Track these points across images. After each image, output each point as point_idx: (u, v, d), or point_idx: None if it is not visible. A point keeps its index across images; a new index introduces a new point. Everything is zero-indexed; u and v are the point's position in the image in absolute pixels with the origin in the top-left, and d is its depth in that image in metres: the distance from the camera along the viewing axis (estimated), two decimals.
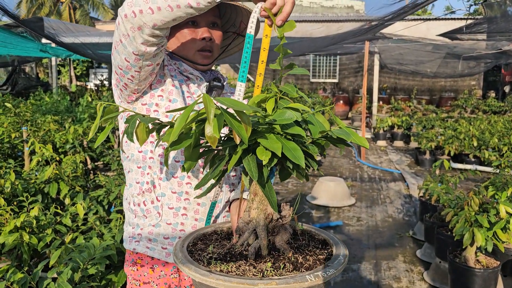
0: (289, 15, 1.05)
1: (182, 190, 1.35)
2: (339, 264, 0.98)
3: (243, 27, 1.49)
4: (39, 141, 4.18)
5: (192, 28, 1.36)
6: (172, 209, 1.35)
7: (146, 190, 1.35)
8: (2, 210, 2.27)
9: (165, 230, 1.37)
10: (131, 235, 1.41)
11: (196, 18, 1.36)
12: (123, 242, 1.46)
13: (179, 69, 1.40)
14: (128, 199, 1.42)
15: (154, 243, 1.38)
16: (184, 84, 1.39)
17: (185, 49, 1.39)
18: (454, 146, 7.73)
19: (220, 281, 0.89)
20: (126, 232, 1.44)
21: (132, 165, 1.38)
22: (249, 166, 0.89)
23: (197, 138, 0.90)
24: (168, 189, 1.34)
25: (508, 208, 2.76)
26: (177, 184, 1.34)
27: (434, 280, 3.53)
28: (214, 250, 1.06)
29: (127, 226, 1.43)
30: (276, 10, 1.05)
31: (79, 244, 2.02)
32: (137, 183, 1.37)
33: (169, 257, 1.38)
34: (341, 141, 0.99)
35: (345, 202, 5.70)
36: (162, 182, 1.34)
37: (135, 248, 1.39)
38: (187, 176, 1.34)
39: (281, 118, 0.89)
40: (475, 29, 5.57)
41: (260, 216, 1.04)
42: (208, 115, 0.74)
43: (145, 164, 1.35)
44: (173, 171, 1.34)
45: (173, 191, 1.34)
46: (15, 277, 1.77)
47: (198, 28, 1.37)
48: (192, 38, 1.37)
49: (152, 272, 1.41)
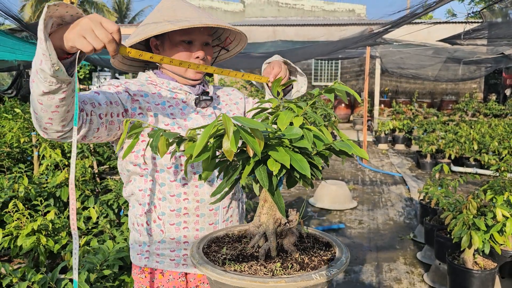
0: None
1: (180, 207, 1.43)
2: (341, 265, 1.08)
3: (228, 41, 1.59)
4: (48, 146, 4.29)
5: (187, 47, 1.41)
6: (173, 225, 1.44)
7: (148, 211, 1.44)
8: (20, 214, 2.37)
9: (170, 245, 1.46)
10: (139, 253, 1.49)
11: (192, 37, 1.40)
12: (132, 258, 1.54)
13: (167, 87, 1.45)
14: (132, 219, 1.51)
15: (162, 257, 1.47)
16: (171, 100, 1.44)
17: (179, 67, 1.42)
18: (455, 150, 7.83)
19: (234, 280, 1.00)
20: (134, 250, 1.51)
21: (134, 188, 1.46)
22: (260, 176, 1.00)
23: (214, 151, 1.00)
24: (167, 207, 1.43)
25: (505, 212, 2.86)
26: (175, 202, 1.42)
27: (434, 282, 3.62)
28: (227, 251, 1.16)
29: (134, 244, 1.51)
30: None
31: (94, 246, 2.12)
32: (140, 204, 1.46)
33: (177, 267, 1.47)
34: (343, 153, 1.09)
35: (347, 205, 5.79)
36: (162, 202, 1.43)
37: (146, 264, 1.48)
38: (183, 193, 1.42)
39: (289, 133, 1.00)
40: (474, 35, 5.68)
41: (269, 220, 1.15)
42: (228, 132, 0.84)
43: (146, 186, 1.43)
44: (170, 190, 1.42)
45: (172, 209, 1.43)
46: (35, 277, 1.87)
47: (193, 47, 1.42)
48: (187, 56, 1.41)
49: (161, 277, 1.49)
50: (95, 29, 0.97)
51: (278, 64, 1.46)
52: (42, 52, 0.96)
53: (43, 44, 0.95)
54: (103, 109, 1.26)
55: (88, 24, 0.97)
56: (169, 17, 1.34)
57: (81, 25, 0.97)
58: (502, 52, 9.69)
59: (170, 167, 1.40)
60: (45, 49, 0.95)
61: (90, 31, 0.97)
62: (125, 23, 32.13)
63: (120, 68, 1.55)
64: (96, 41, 0.97)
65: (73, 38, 0.97)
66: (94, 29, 0.97)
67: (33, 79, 1.04)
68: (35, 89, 1.05)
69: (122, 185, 3.46)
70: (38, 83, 1.02)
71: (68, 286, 1.97)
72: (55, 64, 0.97)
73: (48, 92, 1.03)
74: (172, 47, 1.41)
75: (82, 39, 0.97)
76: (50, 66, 0.97)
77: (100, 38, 0.97)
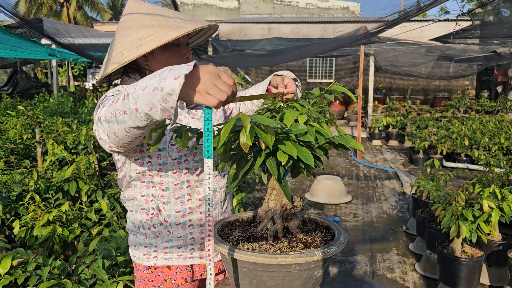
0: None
1: (185, 207, 1.52)
2: (340, 244, 1.24)
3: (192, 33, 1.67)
4: (52, 142, 4.42)
5: (176, 49, 1.49)
6: (179, 224, 1.53)
7: (154, 216, 1.51)
8: (35, 206, 2.51)
9: (177, 242, 1.54)
10: (146, 253, 1.55)
11: (179, 40, 1.48)
12: (137, 259, 1.58)
13: None
14: (136, 224, 1.55)
15: (170, 254, 1.55)
16: None
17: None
18: (447, 146, 8.03)
19: (248, 256, 1.15)
20: (139, 251, 1.56)
21: (135, 194, 1.53)
22: (270, 166, 1.15)
23: (230, 145, 1.16)
24: (173, 210, 1.51)
25: (491, 203, 3.04)
26: (180, 203, 1.52)
27: (425, 271, 3.80)
28: (239, 234, 1.32)
29: (139, 245, 1.56)
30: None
31: (110, 234, 2.27)
32: (143, 209, 1.52)
33: (185, 261, 1.57)
34: (341, 146, 1.25)
35: (342, 199, 5.97)
36: (166, 205, 1.51)
37: (155, 263, 1.54)
38: (187, 194, 1.52)
39: (295, 129, 1.15)
40: (465, 35, 5.86)
41: (277, 206, 1.30)
42: (245, 128, 1.00)
43: (148, 192, 1.51)
44: (174, 193, 1.50)
45: (177, 211, 1.51)
46: (55, 263, 2.02)
47: (181, 48, 1.50)
48: (178, 58, 1.49)
49: (168, 270, 1.57)
50: (218, 84, 1.00)
51: (293, 83, 1.55)
52: (162, 107, 0.99)
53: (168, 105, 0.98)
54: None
55: (210, 80, 1.00)
56: (163, 26, 1.39)
57: (204, 82, 0.99)
58: (494, 50, 9.90)
59: (175, 171, 1.48)
60: (170, 109, 0.99)
61: (213, 86, 1.00)
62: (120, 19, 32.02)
63: (105, 82, 1.58)
64: (222, 95, 1.00)
65: (198, 97, 1.00)
66: (216, 84, 1.00)
67: (125, 111, 1.07)
68: (127, 122, 1.09)
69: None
70: (135, 119, 1.07)
71: (85, 271, 2.12)
72: (170, 115, 1.01)
73: (142, 127, 1.11)
74: (163, 52, 1.47)
75: (208, 95, 1.00)
76: (161, 115, 1.01)
77: (224, 91, 1.01)
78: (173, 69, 0.98)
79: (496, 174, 4.06)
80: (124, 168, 1.52)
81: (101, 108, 1.26)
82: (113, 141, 1.21)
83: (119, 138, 1.18)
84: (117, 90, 1.43)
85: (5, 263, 1.90)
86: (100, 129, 1.21)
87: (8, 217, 2.88)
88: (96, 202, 3.24)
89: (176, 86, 0.95)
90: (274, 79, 1.56)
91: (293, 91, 1.55)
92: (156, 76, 1.00)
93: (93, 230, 2.50)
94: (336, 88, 1.33)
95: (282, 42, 11.32)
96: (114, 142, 1.22)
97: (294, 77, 1.62)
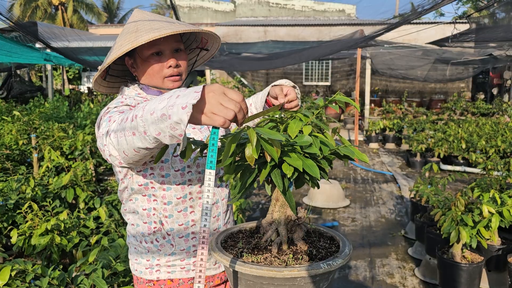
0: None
1: (188, 220, 1.50)
2: (345, 256, 1.22)
3: (204, 41, 1.62)
4: (48, 148, 4.39)
5: (157, 58, 1.43)
6: (182, 237, 1.50)
7: (156, 229, 1.48)
8: (33, 215, 2.48)
9: (180, 255, 1.52)
10: (148, 267, 1.51)
11: (160, 48, 1.42)
12: (138, 273, 1.54)
13: None
14: (138, 237, 1.52)
15: (173, 267, 1.52)
16: None
17: (154, 79, 1.46)
18: (444, 149, 8.05)
19: (253, 269, 1.13)
20: (141, 265, 1.53)
21: (136, 208, 1.50)
22: (275, 178, 1.14)
23: (235, 157, 1.14)
24: (175, 223, 1.48)
25: (490, 208, 3.04)
26: (183, 216, 1.49)
27: (425, 276, 3.80)
28: (243, 245, 1.30)
29: (140, 259, 1.53)
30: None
31: (110, 244, 2.25)
32: (145, 223, 1.49)
33: (188, 273, 1.55)
34: (346, 157, 1.24)
35: (340, 203, 5.96)
36: (169, 219, 1.47)
37: (158, 277, 1.51)
38: (189, 206, 1.49)
39: (301, 141, 1.14)
40: (462, 38, 5.88)
41: (281, 217, 1.29)
42: (252, 141, 0.98)
43: (150, 205, 1.48)
44: (177, 207, 1.48)
45: (180, 224, 1.49)
46: (54, 274, 1.99)
47: (163, 57, 1.44)
48: (159, 67, 1.44)
49: (171, 283, 1.54)
50: (223, 102, 0.97)
51: (293, 90, 1.52)
52: (170, 133, 0.98)
53: (177, 132, 0.97)
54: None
55: (215, 99, 0.97)
56: (130, 38, 1.37)
57: (208, 102, 0.97)
58: (491, 53, 9.95)
59: (178, 183, 1.46)
60: (179, 136, 0.98)
61: (218, 105, 0.97)
62: (115, 22, 32.02)
63: (103, 91, 1.57)
64: (228, 113, 0.96)
65: (204, 118, 0.97)
66: (221, 102, 0.97)
67: (134, 132, 1.07)
68: (136, 143, 1.08)
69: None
70: (143, 142, 1.06)
71: (84, 281, 2.09)
72: (179, 140, 1.00)
73: (152, 148, 1.10)
74: (143, 62, 1.44)
75: (213, 115, 0.97)
76: (170, 140, 1.00)
77: (230, 108, 0.97)
78: (180, 95, 0.96)
79: (494, 178, 4.07)
80: (126, 180, 1.49)
81: (107, 123, 1.24)
82: (123, 159, 1.20)
83: (129, 157, 1.17)
84: (120, 102, 1.41)
85: (4, 274, 1.87)
86: (110, 145, 1.19)
87: (5, 226, 2.84)
88: (94, 210, 3.21)
89: (184, 117, 0.92)
90: (273, 89, 1.53)
91: (294, 98, 1.53)
92: (164, 100, 0.98)
93: (91, 238, 2.48)
94: (340, 98, 1.32)
95: (278, 45, 11.32)
96: (124, 160, 1.20)
97: (292, 84, 1.59)
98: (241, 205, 3.59)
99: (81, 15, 26.42)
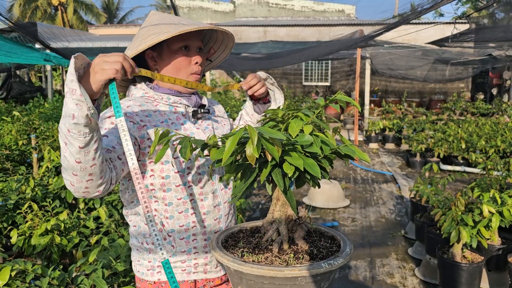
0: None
1: (189, 221, 1.50)
2: (346, 255, 1.22)
3: (212, 52, 1.68)
4: (48, 148, 4.38)
5: (185, 53, 1.48)
6: (183, 239, 1.50)
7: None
8: (33, 215, 2.48)
9: (181, 257, 1.51)
10: (149, 268, 1.52)
11: (188, 43, 1.47)
12: (140, 274, 1.54)
13: (167, 102, 1.49)
14: (139, 239, 1.53)
15: (174, 269, 1.51)
16: (172, 115, 1.49)
17: (180, 73, 1.50)
18: (444, 149, 8.05)
19: (254, 269, 1.13)
20: (143, 266, 1.53)
21: (138, 209, 1.50)
22: (276, 178, 1.14)
23: (236, 156, 1.14)
24: (176, 224, 1.48)
25: (491, 208, 3.04)
26: (183, 217, 1.49)
27: (425, 276, 3.79)
28: (243, 245, 1.30)
29: (142, 261, 1.53)
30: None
31: (110, 244, 2.24)
32: (146, 224, 1.49)
33: (189, 275, 1.54)
34: (347, 156, 1.23)
35: (340, 203, 5.96)
36: (169, 220, 1.48)
37: (159, 278, 1.51)
38: (190, 208, 1.49)
39: (302, 140, 1.14)
40: (462, 38, 5.89)
41: (282, 217, 1.28)
42: (252, 140, 0.98)
43: (151, 207, 1.46)
44: (178, 208, 1.48)
45: (181, 225, 1.49)
46: (54, 274, 1.99)
47: (190, 52, 1.49)
48: (187, 62, 1.49)
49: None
50: (106, 59, 1.12)
51: (256, 77, 1.59)
52: (76, 101, 1.05)
53: (77, 92, 1.05)
54: (118, 150, 1.32)
55: (99, 59, 1.12)
56: (168, 28, 1.40)
57: (95, 64, 1.12)
58: (490, 53, 9.95)
59: (178, 185, 1.46)
60: (80, 96, 1.05)
61: (104, 62, 1.11)
62: (115, 22, 32.02)
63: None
64: (115, 64, 1.11)
65: (97, 77, 1.11)
66: (105, 59, 1.12)
67: (65, 142, 1.12)
68: (70, 150, 1.12)
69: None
70: (72, 141, 1.11)
71: (84, 281, 2.09)
72: (90, 107, 1.08)
73: (84, 146, 1.12)
74: (171, 54, 1.47)
75: (103, 70, 1.11)
76: (86, 113, 1.07)
77: (115, 60, 1.12)
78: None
79: (494, 177, 4.07)
80: (126, 182, 1.50)
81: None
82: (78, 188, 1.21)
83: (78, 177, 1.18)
84: (106, 117, 1.41)
85: (4, 274, 1.86)
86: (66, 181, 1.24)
87: (5, 226, 2.84)
88: (94, 210, 3.21)
89: (71, 68, 1.06)
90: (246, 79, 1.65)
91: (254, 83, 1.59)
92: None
93: (91, 238, 2.48)
94: (341, 97, 1.32)
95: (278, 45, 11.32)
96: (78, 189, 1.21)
97: (265, 76, 1.66)
98: (241, 205, 3.59)
99: (80, 15, 26.41)
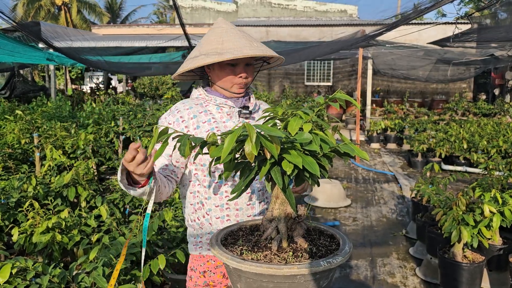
0: None
1: (223, 203, 1.74)
2: (345, 254, 1.22)
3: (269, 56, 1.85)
4: (50, 147, 4.39)
5: (232, 69, 1.72)
6: (218, 218, 1.75)
7: (198, 209, 1.77)
8: (35, 213, 2.49)
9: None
10: (194, 244, 1.82)
11: (236, 61, 1.70)
12: (189, 250, 1.86)
13: (215, 102, 1.77)
14: (187, 218, 1.84)
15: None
16: (216, 114, 1.76)
17: (225, 83, 1.76)
18: (445, 149, 8.03)
19: (252, 267, 1.13)
20: (190, 242, 1.84)
21: (185, 192, 1.81)
22: (275, 175, 1.14)
23: (235, 154, 1.14)
24: (213, 204, 1.74)
25: (492, 208, 3.03)
26: (219, 199, 1.74)
27: (426, 275, 3.79)
28: (243, 243, 1.31)
29: (190, 237, 1.84)
30: None
31: (110, 242, 2.25)
32: (191, 204, 1.79)
33: None
34: (346, 155, 1.24)
35: (341, 203, 5.96)
36: (208, 200, 1.75)
37: (200, 252, 1.80)
38: (224, 191, 1.73)
39: (301, 138, 1.14)
40: (464, 38, 5.87)
41: (281, 215, 1.29)
42: (251, 138, 0.98)
43: (194, 189, 1.78)
44: (215, 190, 1.74)
45: (216, 205, 1.74)
46: (55, 271, 1.99)
47: (237, 68, 1.72)
48: (232, 76, 1.73)
49: (210, 264, 1.79)
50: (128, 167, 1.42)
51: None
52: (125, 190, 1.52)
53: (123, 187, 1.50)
54: (178, 167, 1.73)
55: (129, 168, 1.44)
56: (217, 48, 1.64)
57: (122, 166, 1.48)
58: (492, 53, 9.93)
59: (214, 171, 1.72)
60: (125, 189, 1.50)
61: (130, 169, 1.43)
62: (118, 22, 32.05)
63: (179, 79, 1.89)
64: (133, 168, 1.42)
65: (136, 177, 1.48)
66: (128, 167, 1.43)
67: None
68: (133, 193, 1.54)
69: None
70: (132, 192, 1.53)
71: (85, 279, 2.10)
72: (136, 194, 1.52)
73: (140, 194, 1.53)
74: (221, 69, 1.72)
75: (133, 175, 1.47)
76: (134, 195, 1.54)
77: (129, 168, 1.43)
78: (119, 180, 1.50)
79: (495, 177, 4.06)
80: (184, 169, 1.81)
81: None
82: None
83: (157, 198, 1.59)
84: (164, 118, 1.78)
85: (4, 271, 1.87)
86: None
87: (6, 224, 2.85)
88: (96, 208, 3.21)
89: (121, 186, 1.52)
90: None
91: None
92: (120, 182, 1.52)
93: (92, 236, 2.48)
94: (340, 96, 1.32)
95: (280, 45, 11.33)
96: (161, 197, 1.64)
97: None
98: None
99: (84, 15, 26.45)
